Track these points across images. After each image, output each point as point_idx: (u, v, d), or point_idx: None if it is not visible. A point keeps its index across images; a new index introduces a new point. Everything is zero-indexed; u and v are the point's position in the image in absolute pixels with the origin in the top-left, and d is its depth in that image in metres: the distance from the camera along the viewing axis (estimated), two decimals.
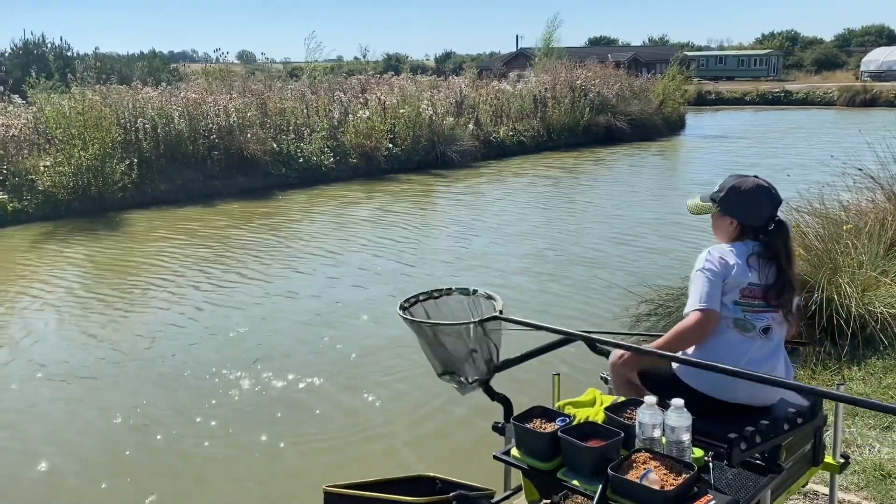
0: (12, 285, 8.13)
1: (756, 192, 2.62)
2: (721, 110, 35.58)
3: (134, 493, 3.98)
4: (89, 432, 4.66)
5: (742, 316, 2.54)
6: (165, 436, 4.56)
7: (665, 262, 8.05)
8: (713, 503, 2.04)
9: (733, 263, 2.56)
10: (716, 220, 2.73)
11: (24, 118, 13.27)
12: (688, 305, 2.59)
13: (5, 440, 4.58)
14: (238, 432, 4.61)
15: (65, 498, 4.00)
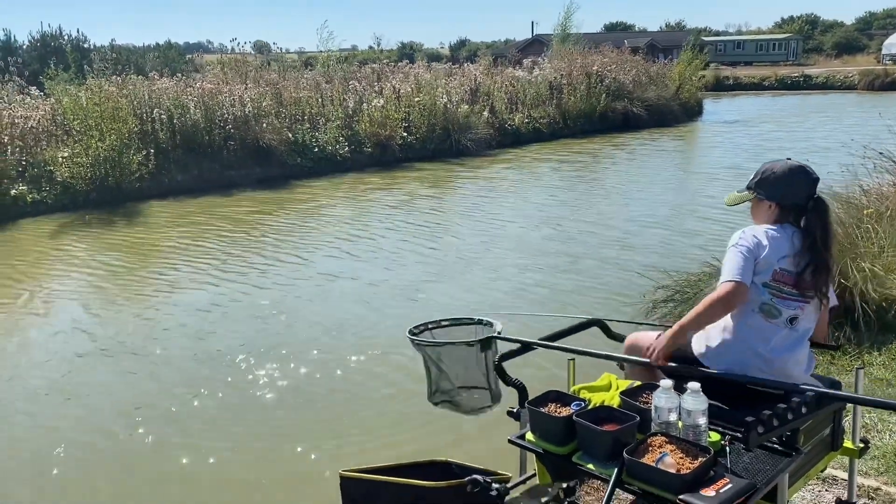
0: (33, 275, 8.22)
1: (791, 172, 2.59)
2: (739, 96, 35.22)
3: (153, 469, 4.03)
4: (114, 406, 4.72)
5: (769, 300, 2.49)
6: (183, 416, 4.61)
7: (682, 248, 7.99)
8: (730, 487, 2.03)
9: (767, 244, 2.51)
10: (754, 207, 2.70)
11: (42, 110, 13.38)
12: (720, 279, 2.54)
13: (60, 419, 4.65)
14: (256, 415, 4.64)
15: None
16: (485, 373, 2.90)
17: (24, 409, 4.88)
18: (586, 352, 2.73)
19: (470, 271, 7.65)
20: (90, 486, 4.00)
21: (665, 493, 2.05)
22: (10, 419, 4.77)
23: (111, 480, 4.05)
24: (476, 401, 2.94)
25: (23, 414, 4.82)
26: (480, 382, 2.91)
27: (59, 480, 4.05)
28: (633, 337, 2.94)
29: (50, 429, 4.61)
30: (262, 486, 3.92)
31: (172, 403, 4.85)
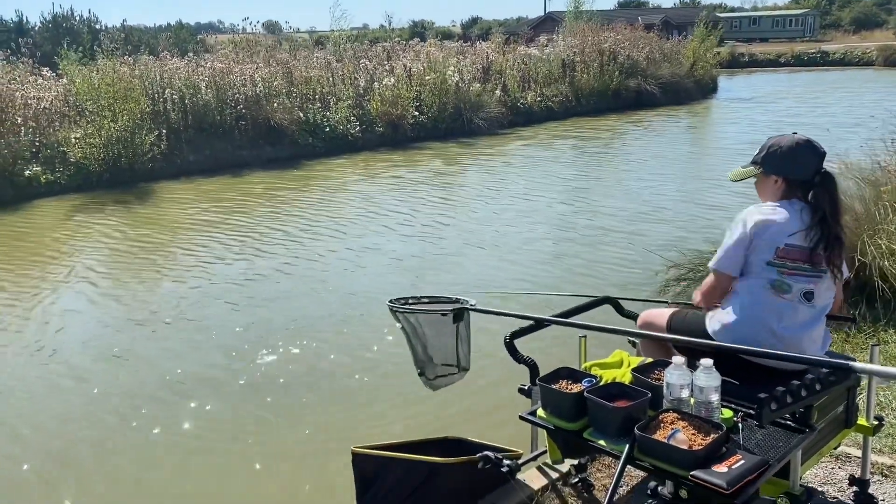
0: (49, 255, 8.29)
1: (797, 146, 2.55)
2: (754, 72, 34.78)
3: (169, 448, 4.08)
4: (134, 389, 4.76)
5: (778, 276, 2.46)
6: (199, 397, 4.65)
7: (695, 226, 7.94)
8: (742, 463, 2.01)
9: (770, 222, 2.48)
10: (760, 182, 2.65)
11: (54, 90, 13.42)
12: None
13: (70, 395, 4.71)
14: (268, 395, 4.67)
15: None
16: (454, 345, 2.95)
17: (71, 382, 4.97)
18: (598, 327, 2.71)
19: (482, 249, 7.64)
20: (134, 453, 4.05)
21: (677, 469, 2.04)
22: (60, 391, 4.85)
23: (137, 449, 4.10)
24: (445, 371, 3.00)
25: (70, 387, 4.88)
26: (450, 356, 2.97)
27: (111, 448, 4.11)
28: (646, 314, 2.92)
29: (102, 395, 4.66)
30: (275, 463, 3.96)
31: (195, 381, 4.89)
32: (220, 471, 3.92)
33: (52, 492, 3.80)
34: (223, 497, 3.71)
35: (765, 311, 2.47)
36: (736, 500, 1.96)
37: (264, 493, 3.72)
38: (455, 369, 2.99)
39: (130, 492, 3.78)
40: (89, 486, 3.84)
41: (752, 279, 2.50)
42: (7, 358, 5.43)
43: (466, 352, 2.98)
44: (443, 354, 2.98)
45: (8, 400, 4.79)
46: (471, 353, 3.01)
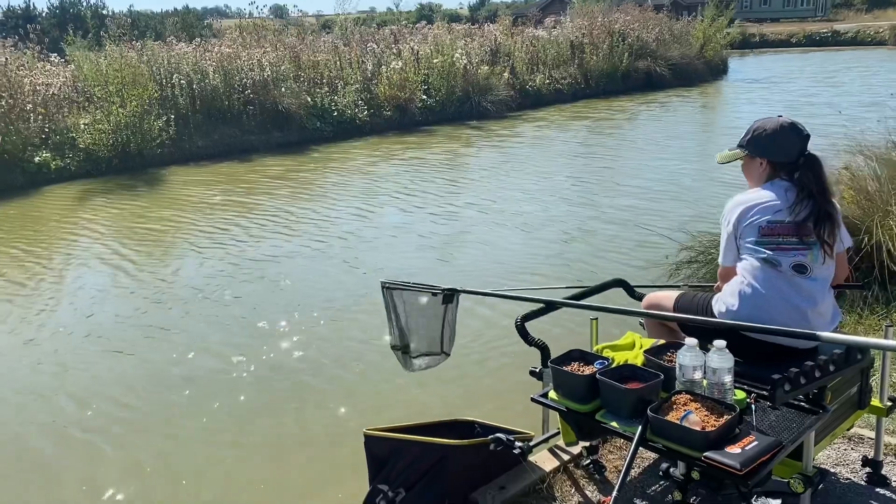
0: (61, 240, 8.33)
1: (781, 129, 2.60)
2: (764, 53, 34.43)
3: (185, 429, 4.11)
4: (144, 373, 4.80)
5: (766, 254, 2.50)
6: (213, 379, 4.68)
7: (705, 208, 7.89)
8: (755, 444, 2.01)
9: (751, 206, 2.54)
10: (746, 164, 2.72)
11: (62, 76, 13.42)
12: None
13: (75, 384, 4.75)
14: (279, 378, 4.70)
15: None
16: (441, 328, 3.01)
17: (78, 364, 5.01)
18: (609, 308, 2.72)
19: (493, 233, 7.62)
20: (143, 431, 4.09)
21: (689, 450, 2.04)
22: (68, 374, 4.89)
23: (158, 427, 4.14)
24: (428, 351, 3.08)
25: (79, 369, 4.92)
26: (435, 340, 3.05)
27: (120, 428, 4.15)
28: (651, 296, 2.93)
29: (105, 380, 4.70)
30: (287, 445, 3.98)
31: (209, 364, 4.92)
32: (235, 453, 3.95)
33: (83, 462, 3.85)
34: (238, 479, 3.73)
35: (765, 288, 2.49)
36: (749, 480, 1.96)
37: (279, 474, 3.75)
38: (438, 353, 3.07)
39: (149, 469, 3.81)
40: (114, 462, 3.88)
41: (746, 260, 2.55)
42: (16, 339, 5.48)
43: (450, 336, 3.05)
44: (428, 337, 3.05)
45: (34, 376, 4.83)
46: (454, 339, 3.08)
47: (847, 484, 2.69)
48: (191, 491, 3.67)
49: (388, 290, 3.08)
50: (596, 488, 2.77)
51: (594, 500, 2.70)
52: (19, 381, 4.88)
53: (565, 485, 2.80)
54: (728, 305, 2.55)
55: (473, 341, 4.87)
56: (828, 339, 2.23)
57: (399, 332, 3.09)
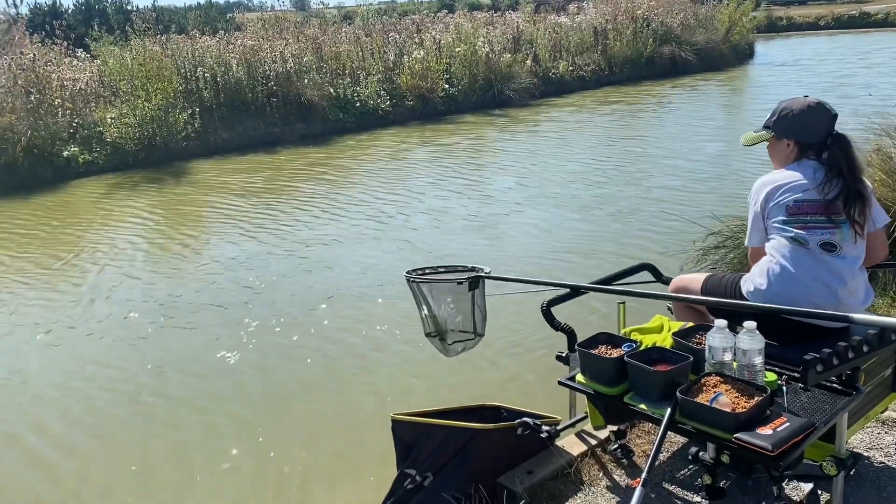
0: (92, 233, 8.46)
1: (808, 109, 2.57)
2: (792, 36, 33.82)
3: (215, 416, 4.17)
4: (176, 360, 4.87)
5: (794, 233, 2.47)
6: (245, 365, 4.73)
7: (733, 192, 7.81)
8: (787, 425, 1.99)
9: (778, 186, 2.52)
10: (772, 146, 2.69)
11: (89, 72, 13.58)
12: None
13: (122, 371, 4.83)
14: (310, 364, 4.74)
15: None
16: (472, 312, 3.03)
17: (105, 361, 5.08)
18: (636, 292, 2.70)
19: (519, 219, 7.60)
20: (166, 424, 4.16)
21: (720, 432, 2.02)
22: (95, 370, 4.96)
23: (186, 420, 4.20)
24: (462, 336, 3.10)
25: (99, 365, 5.00)
26: (467, 322, 3.06)
27: (140, 428, 4.22)
28: (679, 279, 2.91)
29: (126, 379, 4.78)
30: (317, 430, 4.02)
31: (240, 350, 4.98)
32: (266, 437, 4.00)
33: (110, 451, 3.92)
34: (269, 462, 3.78)
35: (795, 266, 2.46)
36: (781, 462, 1.94)
37: (310, 458, 3.79)
38: (472, 335, 3.09)
39: (178, 456, 3.87)
40: (143, 450, 3.95)
41: (775, 240, 2.52)
42: (56, 329, 5.57)
43: (482, 318, 3.07)
44: (460, 321, 3.07)
45: (61, 366, 4.92)
46: (486, 319, 3.10)
47: (881, 468, 2.65)
48: (227, 472, 3.72)
49: (412, 280, 3.09)
50: (624, 472, 2.76)
51: (622, 485, 2.69)
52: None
53: (593, 469, 2.79)
54: (757, 285, 2.52)
55: (499, 327, 4.86)
56: (861, 322, 2.20)
57: (431, 320, 3.10)
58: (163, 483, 3.70)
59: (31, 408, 4.53)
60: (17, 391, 4.74)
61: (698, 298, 2.68)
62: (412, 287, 3.11)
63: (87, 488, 3.72)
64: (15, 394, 4.70)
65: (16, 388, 4.78)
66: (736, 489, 2.53)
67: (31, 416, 4.42)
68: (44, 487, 3.73)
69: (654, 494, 2.57)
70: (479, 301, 3.04)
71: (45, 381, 4.84)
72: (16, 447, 4.09)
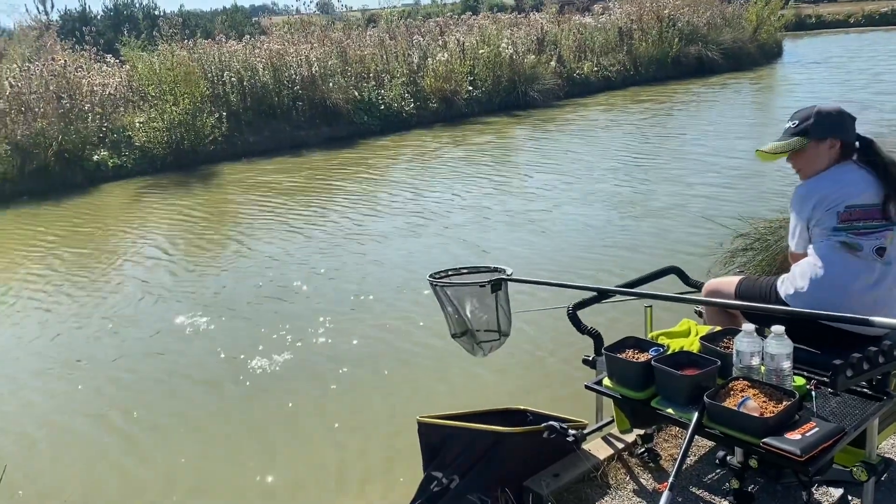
0: (123, 235, 8.60)
1: (840, 111, 2.57)
2: (820, 34, 33.36)
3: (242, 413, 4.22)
4: (219, 356, 4.94)
5: (847, 239, 2.43)
6: (268, 369, 4.78)
7: (762, 194, 7.74)
8: (816, 430, 1.97)
9: (826, 194, 2.48)
10: (810, 151, 2.59)
11: (118, 77, 13.80)
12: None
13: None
14: (337, 366, 4.78)
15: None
16: (496, 313, 3.05)
17: (148, 354, 5.19)
18: (663, 296, 2.69)
19: (547, 219, 7.59)
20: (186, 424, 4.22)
21: (747, 436, 2.01)
22: (141, 360, 5.08)
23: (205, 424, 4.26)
24: (488, 337, 3.13)
25: (123, 369, 5.09)
26: (491, 322, 3.09)
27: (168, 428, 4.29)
28: (712, 283, 2.88)
29: (157, 381, 4.86)
30: (344, 432, 4.05)
31: (265, 354, 5.04)
32: (293, 438, 4.04)
33: (163, 441, 4.00)
34: (297, 464, 3.82)
35: (838, 271, 2.43)
36: (810, 467, 1.93)
37: (337, 460, 3.82)
38: (496, 335, 3.11)
39: (206, 455, 3.93)
40: (172, 447, 4.01)
41: (822, 243, 2.47)
42: (85, 330, 5.68)
43: (507, 319, 3.09)
44: (485, 322, 3.10)
45: (91, 366, 5.02)
46: (511, 320, 3.12)
47: None
48: (257, 471, 3.77)
49: (435, 285, 3.12)
50: (651, 476, 2.75)
51: (649, 489, 2.68)
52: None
53: (620, 473, 2.79)
54: (797, 288, 2.49)
55: (525, 330, 4.86)
56: (880, 325, 2.16)
57: (457, 321, 3.13)
58: (195, 474, 3.76)
59: (107, 389, 4.75)
60: (90, 375, 4.92)
61: (726, 302, 2.66)
62: (436, 291, 3.13)
63: (139, 476, 3.80)
64: (90, 378, 4.90)
65: (88, 371, 4.93)
66: (764, 494, 2.51)
67: (108, 398, 4.60)
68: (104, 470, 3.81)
69: (682, 498, 2.56)
70: (503, 302, 3.06)
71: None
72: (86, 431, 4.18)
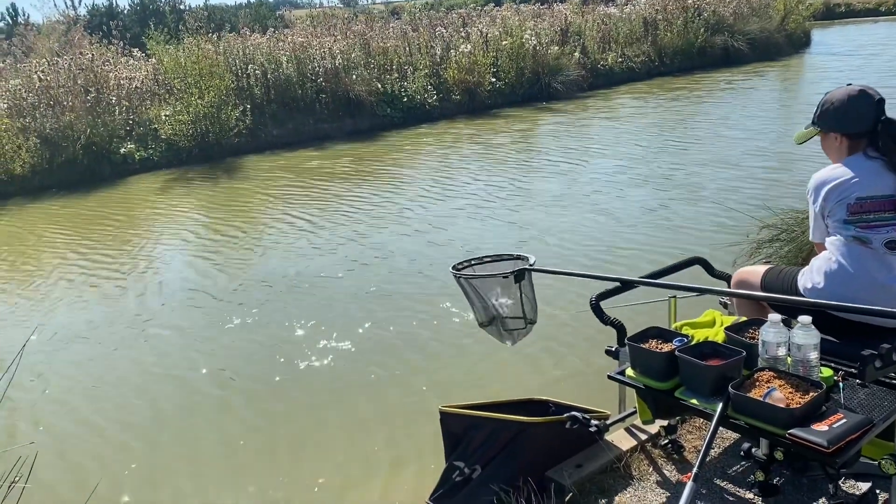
0: (149, 227, 8.72)
1: (850, 99, 2.48)
2: (850, 23, 32.76)
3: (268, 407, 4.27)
4: (230, 348, 4.99)
5: (856, 233, 2.40)
6: (294, 361, 4.82)
7: (789, 183, 7.65)
8: (844, 422, 1.95)
9: (836, 184, 2.44)
10: (823, 141, 2.62)
11: (144, 70, 13.95)
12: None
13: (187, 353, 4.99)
14: (360, 357, 4.81)
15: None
16: (520, 302, 3.05)
17: (157, 353, 5.24)
18: (687, 287, 2.67)
19: (571, 211, 7.56)
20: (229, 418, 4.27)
21: (773, 427, 1.99)
22: (165, 353, 5.13)
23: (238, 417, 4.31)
24: (514, 325, 3.14)
25: (155, 357, 5.16)
26: (517, 311, 3.09)
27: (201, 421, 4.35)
28: (740, 273, 2.86)
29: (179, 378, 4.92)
30: (366, 422, 4.08)
31: (292, 349, 5.08)
32: (313, 430, 4.07)
33: (188, 433, 4.05)
34: (318, 455, 3.85)
35: (853, 265, 2.40)
36: (837, 459, 1.90)
37: (360, 450, 3.85)
38: (522, 323, 3.11)
39: (233, 448, 3.97)
40: (202, 441, 4.07)
41: (835, 238, 2.46)
42: (113, 321, 5.76)
43: (532, 307, 3.09)
44: (511, 310, 3.10)
45: (113, 358, 5.09)
46: (536, 307, 3.13)
47: None
48: (284, 461, 3.81)
49: (459, 277, 3.12)
50: (674, 468, 2.73)
51: (672, 480, 2.66)
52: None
53: (643, 464, 2.77)
54: (814, 283, 2.47)
55: (548, 321, 4.85)
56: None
57: (483, 311, 3.13)
58: (220, 462, 3.81)
59: (136, 381, 4.83)
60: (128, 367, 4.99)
61: (751, 294, 2.64)
62: (459, 282, 3.13)
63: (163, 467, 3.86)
64: (127, 370, 4.98)
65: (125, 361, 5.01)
66: (790, 487, 2.49)
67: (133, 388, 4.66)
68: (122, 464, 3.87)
69: (706, 490, 2.54)
70: (527, 291, 3.05)
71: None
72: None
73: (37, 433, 4.24)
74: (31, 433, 4.24)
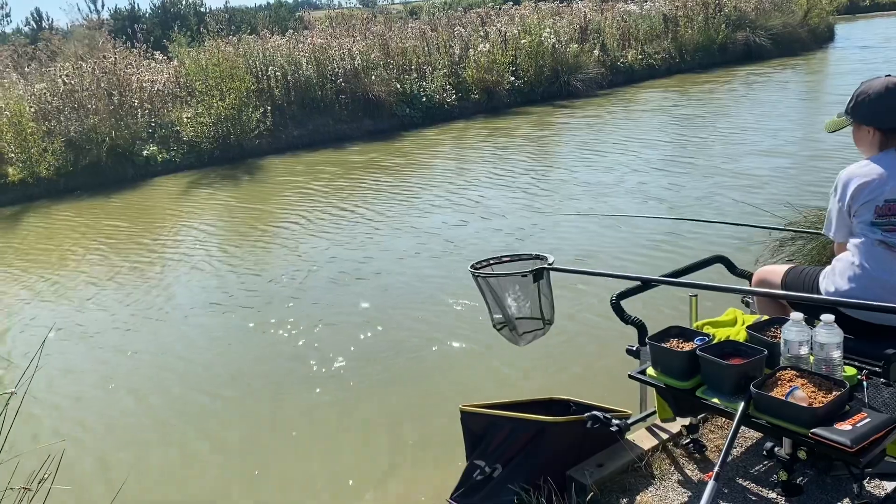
0: (171, 227, 8.81)
1: (888, 91, 2.38)
2: (876, 17, 32.29)
3: (286, 411, 4.30)
4: (250, 348, 5.05)
5: (882, 236, 2.34)
6: (316, 360, 4.86)
7: (812, 181, 7.56)
8: (868, 421, 1.93)
9: (865, 184, 2.35)
10: (855, 133, 2.51)
11: (166, 73, 14.10)
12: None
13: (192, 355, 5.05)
14: (378, 356, 4.83)
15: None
16: (538, 302, 3.03)
17: (182, 353, 5.31)
18: (708, 285, 2.65)
19: (591, 208, 7.54)
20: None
21: (796, 427, 1.98)
22: (175, 363, 5.19)
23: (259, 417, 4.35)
24: (531, 325, 3.10)
25: (179, 358, 5.23)
26: (534, 311, 3.06)
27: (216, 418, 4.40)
28: (761, 271, 2.84)
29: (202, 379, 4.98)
30: (388, 422, 4.10)
31: (317, 343, 5.12)
32: (334, 430, 4.10)
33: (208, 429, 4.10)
34: (339, 453, 3.87)
35: (876, 272, 2.34)
36: (861, 459, 1.89)
37: (381, 449, 3.87)
38: (540, 323, 3.09)
39: (251, 447, 4.01)
40: (222, 440, 4.12)
41: (860, 239, 2.39)
42: (136, 322, 5.84)
43: (550, 307, 3.07)
44: (528, 310, 3.08)
45: (136, 357, 5.16)
46: (554, 307, 3.10)
47: None
48: (303, 460, 3.84)
49: (477, 276, 3.11)
50: (696, 467, 2.72)
51: (694, 479, 2.65)
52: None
53: (664, 463, 2.76)
54: (837, 286, 2.43)
55: (567, 320, 4.84)
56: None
57: (500, 311, 3.12)
58: (243, 460, 3.85)
59: (160, 376, 4.83)
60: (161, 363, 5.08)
61: (773, 292, 2.61)
62: (477, 282, 3.12)
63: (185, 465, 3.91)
64: (160, 365, 5.05)
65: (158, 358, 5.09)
66: (813, 486, 2.47)
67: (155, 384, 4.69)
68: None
69: (727, 489, 2.53)
70: (546, 291, 3.04)
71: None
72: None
73: (60, 432, 4.31)
74: (53, 432, 4.31)
